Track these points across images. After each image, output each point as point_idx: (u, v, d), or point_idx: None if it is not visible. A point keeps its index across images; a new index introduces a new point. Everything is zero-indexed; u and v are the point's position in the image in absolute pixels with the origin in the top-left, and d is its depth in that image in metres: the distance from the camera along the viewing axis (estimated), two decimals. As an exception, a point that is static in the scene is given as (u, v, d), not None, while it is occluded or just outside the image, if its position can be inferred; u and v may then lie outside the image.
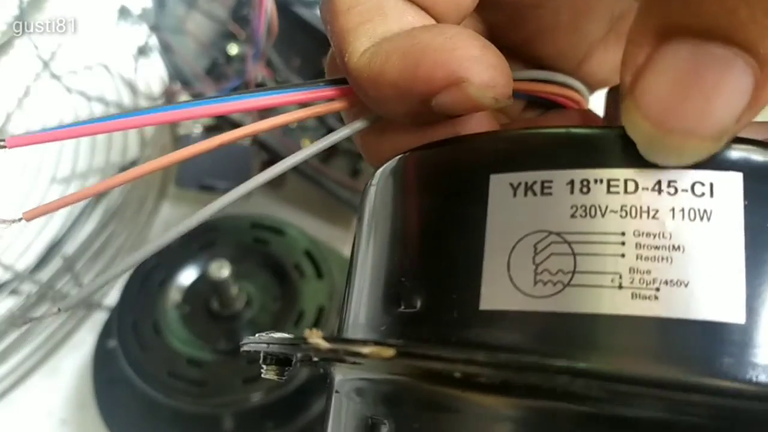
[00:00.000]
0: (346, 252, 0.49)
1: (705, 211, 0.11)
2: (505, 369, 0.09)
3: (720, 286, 0.11)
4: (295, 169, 0.47)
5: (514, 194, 0.12)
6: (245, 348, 0.15)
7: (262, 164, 0.50)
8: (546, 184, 0.12)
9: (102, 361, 0.44)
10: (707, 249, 0.11)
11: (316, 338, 0.11)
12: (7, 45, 0.50)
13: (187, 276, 0.45)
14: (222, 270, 0.41)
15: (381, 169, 0.16)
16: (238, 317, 0.43)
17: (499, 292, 0.12)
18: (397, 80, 0.15)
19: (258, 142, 0.47)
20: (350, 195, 0.48)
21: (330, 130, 0.48)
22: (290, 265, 0.44)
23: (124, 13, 0.50)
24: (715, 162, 0.12)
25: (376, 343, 0.10)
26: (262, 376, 0.15)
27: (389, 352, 0.10)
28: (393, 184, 0.15)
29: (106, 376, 0.44)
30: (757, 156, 0.12)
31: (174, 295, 0.44)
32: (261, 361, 0.15)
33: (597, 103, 0.21)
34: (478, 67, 0.14)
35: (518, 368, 0.09)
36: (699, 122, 0.12)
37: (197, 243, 0.46)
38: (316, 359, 0.13)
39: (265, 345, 0.13)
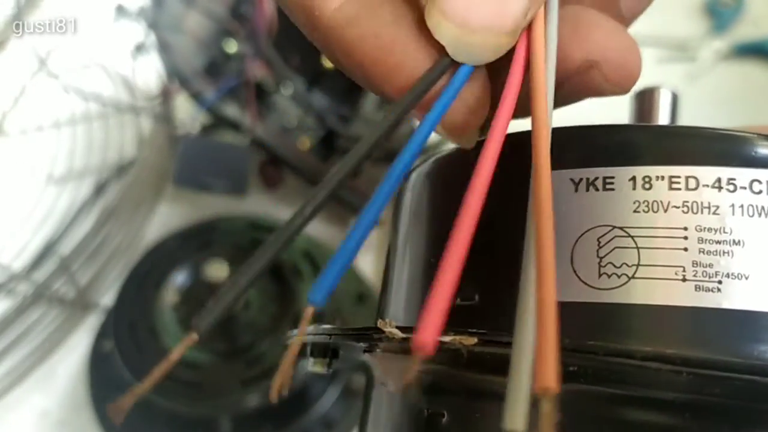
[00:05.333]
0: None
1: (763, 207, 0.12)
2: (597, 357, 0.10)
3: (779, 279, 0.12)
4: (294, 169, 0.47)
5: (576, 189, 0.12)
6: (302, 340, 0.15)
7: (261, 163, 0.49)
8: (608, 180, 0.12)
9: (98, 363, 0.44)
10: (766, 243, 0.12)
11: (390, 327, 0.11)
12: (4, 43, 0.49)
13: (185, 277, 0.44)
14: (220, 271, 0.41)
15: (418, 169, 0.17)
16: (235, 319, 0.43)
17: (563, 284, 0.12)
18: (366, 68, 0.14)
19: (255, 141, 0.47)
20: (349, 195, 0.48)
21: (330, 130, 0.48)
22: (288, 266, 0.44)
23: (121, 11, 0.50)
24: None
25: (456, 331, 0.10)
26: (309, 369, 0.15)
27: (471, 340, 0.10)
28: (441, 179, 0.15)
29: (103, 378, 0.43)
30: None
31: (171, 297, 0.43)
32: (308, 354, 0.15)
33: (608, 108, 0.21)
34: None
35: (609, 355, 0.10)
36: (498, 19, 0.13)
37: (194, 244, 0.45)
38: (383, 349, 0.13)
39: (326, 336, 0.14)
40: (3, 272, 0.42)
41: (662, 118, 0.17)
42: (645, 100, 0.18)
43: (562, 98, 0.15)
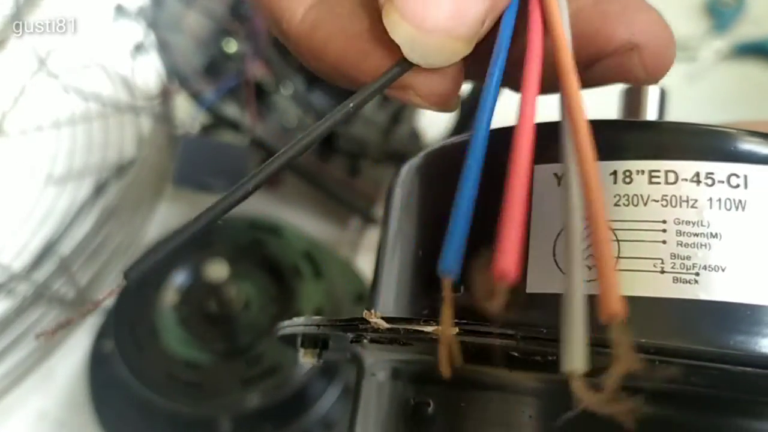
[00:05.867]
0: (344, 253, 0.50)
1: (740, 201, 0.12)
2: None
3: (755, 271, 0.12)
4: (294, 169, 0.48)
5: (559, 183, 0.13)
6: (287, 331, 0.15)
7: (260, 163, 0.50)
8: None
9: (98, 363, 0.44)
10: (742, 236, 0.12)
11: (375, 318, 0.11)
12: (4, 43, 0.49)
13: (185, 277, 0.44)
14: (220, 271, 0.41)
15: (408, 164, 0.17)
16: (236, 319, 0.43)
17: (545, 276, 0.12)
18: (339, 65, 0.14)
19: (255, 141, 0.47)
20: (349, 194, 0.48)
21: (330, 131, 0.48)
22: (288, 267, 0.44)
23: (120, 11, 0.50)
24: (749, 156, 0.12)
25: (438, 321, 0.11)
26: (300, 360, 0.15)
27: (453, 329, 0.10)
28: (427, 175, 0.16)
29: (102, 378, 0.43)
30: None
31: (171, 297, 0.44)
32: (299, 344, 0.15)
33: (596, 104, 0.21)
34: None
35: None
36: (454, 23, 0.13)
37: (194, 244, 0.45)
38: (370, 339, 0.13)
39: (315, 327, 0.14)
40: (3, 272, 0.42)
41: (650, 114, 0.18)
42: (633, 97, 0.18)
43: (592, 79, 0.15)
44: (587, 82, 0.15)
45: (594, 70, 0.15)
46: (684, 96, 0.55)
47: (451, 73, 0.14)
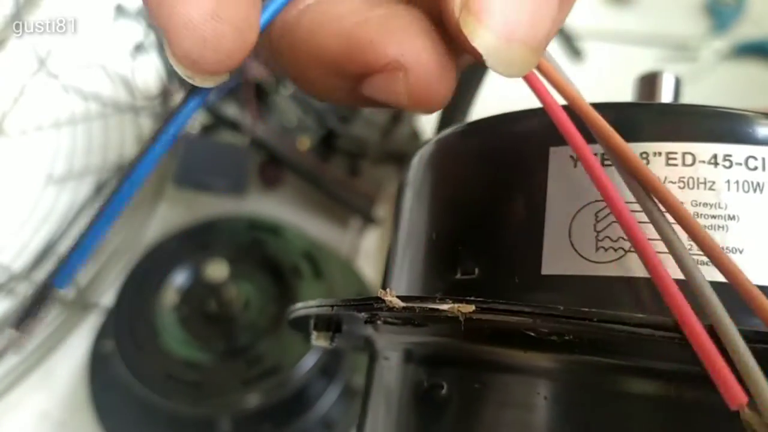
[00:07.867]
0: (344, 252, 0.50)
1: (758, 183, 0.12)
2: (591, 323, 0.10)
3: (772, 253, 0.12)
4: (293, 169, 0.48)
5: (575, 165, 0.13)
6: (302, 313, 0.15)
7: (260, 163, 0.50)
8: (606, 156, 0.12)
9: (98, 363, 0.43)
10: (760, 219, 0.12)
11: (390, 297, 0.11)
12: (4, 43, 0.49)
13: (185, 277, 0.44)
14: (220, 271, 0.41)
15: (420, 151, 0.17)
16: (236, 319, 0.43)
17: (561, 257, 0.12)
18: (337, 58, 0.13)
19: (255, 141, 0.47)
20: (349, 194, 0.48)
21: (329, 130, 0.48)
22: (288, 267, 0.44)
23: (121, 11, 0.50)
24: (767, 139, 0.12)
25: (454, 300, 0.10)
26: (312, 343, 0.15)
27: (469, 307, 0.10)
28: (442, 159, 0.16)
29: (103, 378, 0.43)
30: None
31: (171, 297, 0.44)
32: (311, 327, 0.15)
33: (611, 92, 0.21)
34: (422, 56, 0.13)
35: (602, 321, 0.10)
36: (533, 32, 0.12)
37: (194, 244, 0.45)
38: (384, 319, 0.13)
39: (329, 308, 0.14)
40: (3, 272, 0.42)
41: (665, 101, 0.18)
42: (648, 84, 0.18)
43: (361, 98, 0.14)
44: (356, 100, 0.14)
45: (363, 87, 0.14)
46: (684, 95, 0.55)
47: (452, 80, 0.13)
